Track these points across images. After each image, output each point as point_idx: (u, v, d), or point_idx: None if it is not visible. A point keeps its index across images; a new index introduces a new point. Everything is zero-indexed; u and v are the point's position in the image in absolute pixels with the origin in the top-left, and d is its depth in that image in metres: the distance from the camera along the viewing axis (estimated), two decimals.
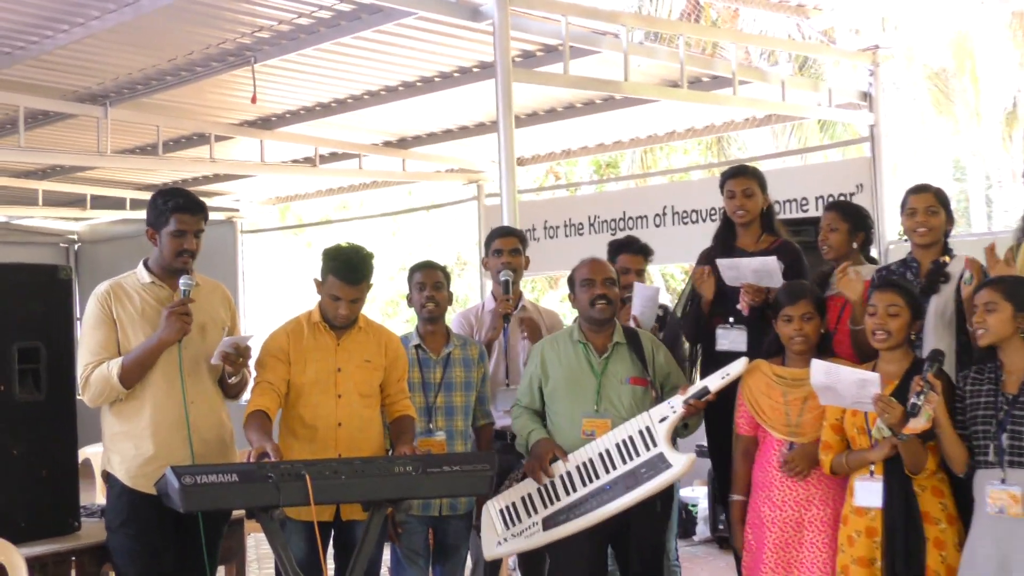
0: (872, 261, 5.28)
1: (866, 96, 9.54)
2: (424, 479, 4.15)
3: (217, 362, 4.42)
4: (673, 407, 4.65)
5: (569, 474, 4.68)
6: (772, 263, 4.94)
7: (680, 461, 4.57)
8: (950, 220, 4.75)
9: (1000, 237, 6.37)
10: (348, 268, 4.55)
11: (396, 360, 4.80)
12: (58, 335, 4.65)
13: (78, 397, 4.60)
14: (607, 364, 4.84)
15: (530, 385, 4.95)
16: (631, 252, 5.69)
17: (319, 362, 4.65)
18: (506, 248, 5.64)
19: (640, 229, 10.17)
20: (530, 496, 4.72)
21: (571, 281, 4.99)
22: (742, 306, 5.03)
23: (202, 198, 4.64)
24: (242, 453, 4.50)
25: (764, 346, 4.73)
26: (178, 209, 4.45)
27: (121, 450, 4.47)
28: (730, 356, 4.89)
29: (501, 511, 4.74)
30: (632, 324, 5.17)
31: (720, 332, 5.18)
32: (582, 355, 4.86)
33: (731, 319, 5.14)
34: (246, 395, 4.69)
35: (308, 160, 11.80)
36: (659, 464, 4.58)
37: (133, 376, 4.39)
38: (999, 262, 4.36)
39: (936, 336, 4.54)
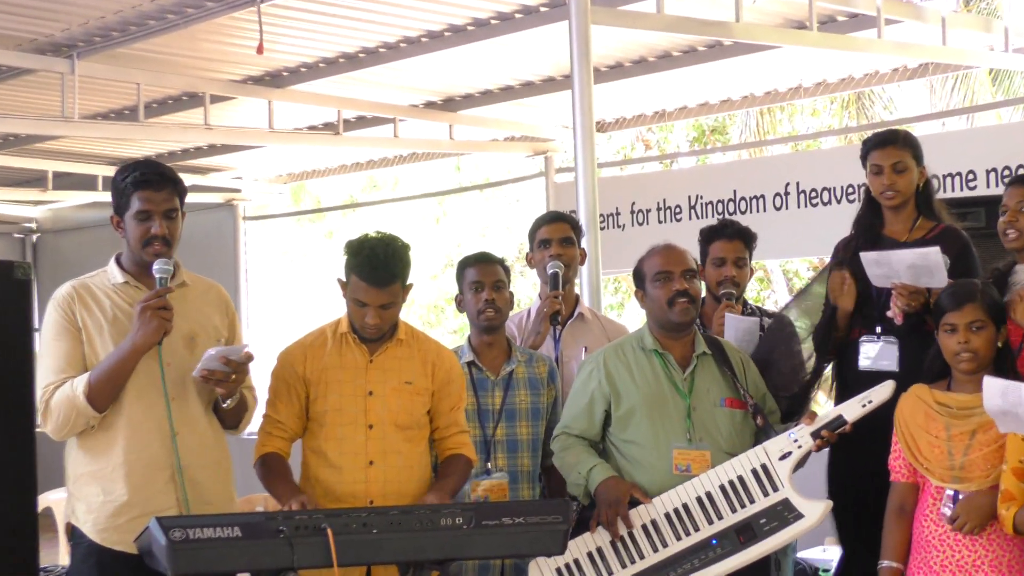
0: None
1: None
2: (478, 535, 4.14)
3: (197, 376, 4.43)
4: (797, 440, 4.63)
5: (656, 524, 4.65)
6: (934, 256, 4.90)
7: (814, 511, 4.56)
8: None
9: None
10: (374, 266, 4.57)
11: (448, 383, 4.83)
12: (12, 350, 4.69)
13: (38, 428, 4.63)
14: (693, 380, 4.85)
15: (589, 407, 4.93)
16: (725, 238, 5.70)
17: (346, 383, 4.69)
18: (555, 237, 5.69)
19: (755, 213, 10.12)
20: (600, 552, 4.68)
21: (638, 275, 5.00)
22: (893, 313, 4.99)
23: (195, 175, 4.70)
24: (244, 501, 4.54)
25: (924, 365, 4.70)
26: (138, 184, 4.45)
27: (87, 495, 4.49)
28: (876, 377, 4.85)
29: (558, 570, 4.68)
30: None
31: (864, 346, 5.15)
32: (660, 369, 4.87)
33: (878, 329, 5.11)
34: (253, 424, 4.74)
35: (329, 127, 11.86)
36: (784, 513, 4.56)
37: (104, 394, 4.41)
38: None
39: None
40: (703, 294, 5.50)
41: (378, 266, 4.56)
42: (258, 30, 8.26)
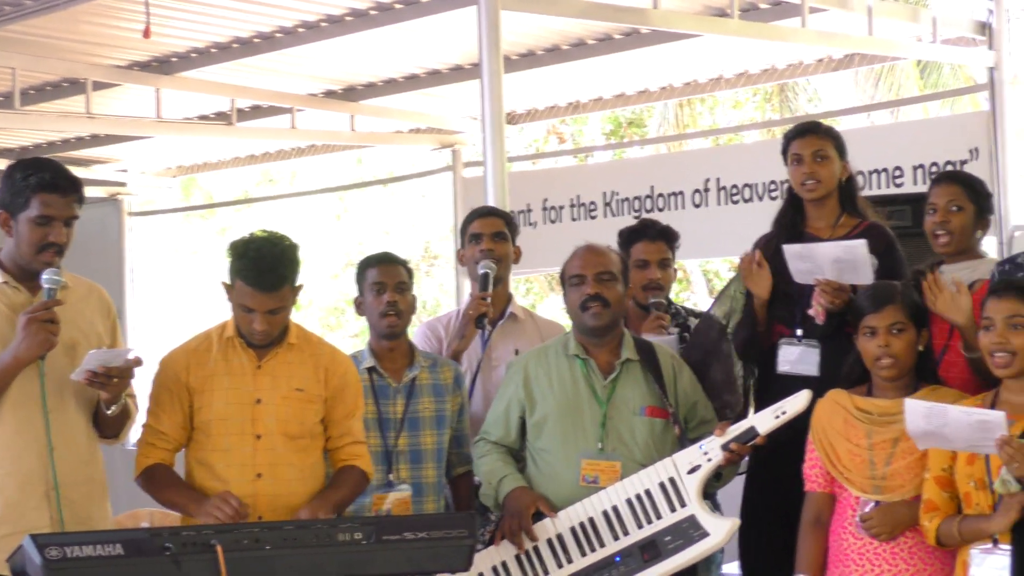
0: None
1: (984, 28, 9.57)
2: (379, 550, 4.13)
3: (77, 378, 4.36)
4: (707, 453, 4.66)
5: (562, 538, 4.69)
6: (860, 249, 4.95)
7: (720, 529, 4.59)
8: None
9: None
10: (260, 269, 4.52)
11: (343, 389, 4.81)
12: None
13: None
14: (614, 388, 4.88)
15: (506, 413, 4.98)
16: (647, 239, 5.74)
17: (232, 391, 4.65)
18: (487, 232, 5.69)
19: (674, 210, 10.19)
20: (504, 566, 4.73)
21: (561, 277, 5.04)
22: (815, 311, 5.03)
23: (76, 167, 4.64)
24: (128, 516, 4.50)
25: (843, 370, 4.74)
26: (43, 187, 4.41)
27: None
28: (795, 382, 4.91)
29: None
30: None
31: (783, 349, 5.20)
32: (580, 375, 4.90)
33: (799, 330, 5.15)
34: (133, 434, 4.70)
35: (221, 117, 11.79)
36: (689, 531, 4.60)
37: None
38: None
39: None
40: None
41: (265, 269, 4.52)
42: (145, 12, 8.21)
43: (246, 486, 4.60)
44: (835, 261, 4.98)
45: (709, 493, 4.95)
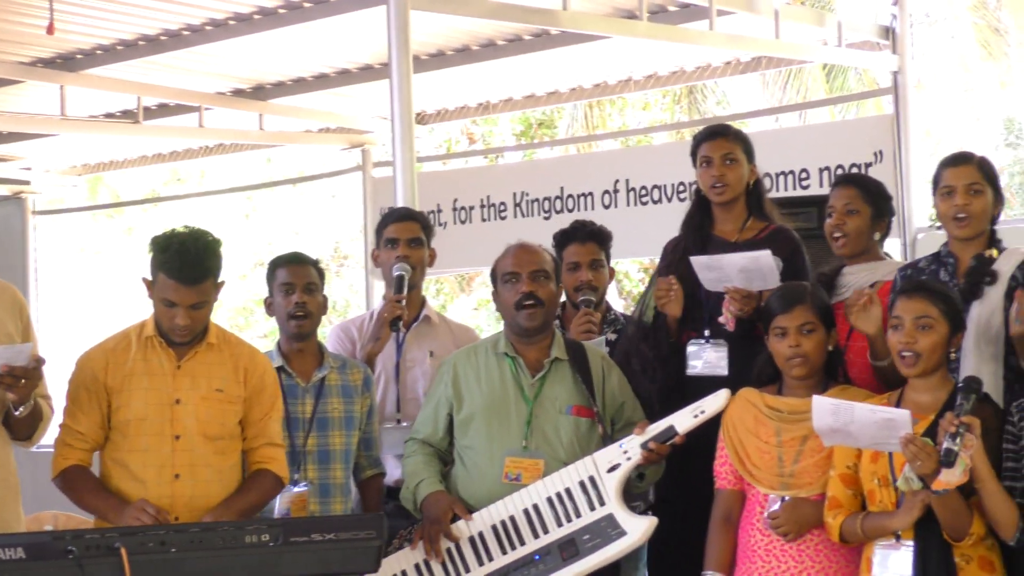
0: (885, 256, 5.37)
1: (888, 32, 9.69)
2: (287, 552, 4.11)
3: None
4: (627, 452, 4.68)
5: (483, 536, 4.70)
6: (766, 259, 4.99)
7: (637, 527, 4.61)
8: (999, 201, 4.81)
9: None
10: (184, 262, 4.50)
11: (261, 390, 4.79)
12: None
13: None
14: (542, 386, 4.89)
15: (435, 412, 5.01)
16: (577, 241, 5.76)
17: (151, 391, 4.62)
18: (403, 237, 5.68)
19: (584, 211, 10.22)
20: (427, 564, 4.74)
21: (493, 275, 5.05)
22: (726, 319, 5.07)
23: None
24: (32, 519, 4.45)
25: (755, 370, 4.78)
26: None
27: None
28: (707, 383, 4.93)
29: None
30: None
31: (692, 350, 5.23)
32: (509, 374, 4.92)
33: (707, 332, 5.19)
34: (49, 435, 4.64)
35: (128, 115, 11.67)
36: (608, 530, 4.61)
37: None
38: None
39: (977, 357, 4.60)
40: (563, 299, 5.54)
41: (188, 262, 4.50)
42: (49, 8, 8.12)
43: (164, 487, 4.57)
44: (742, 270, 5.03)
45: (637, 494, 4.98)
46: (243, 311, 21.90)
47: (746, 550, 4.59)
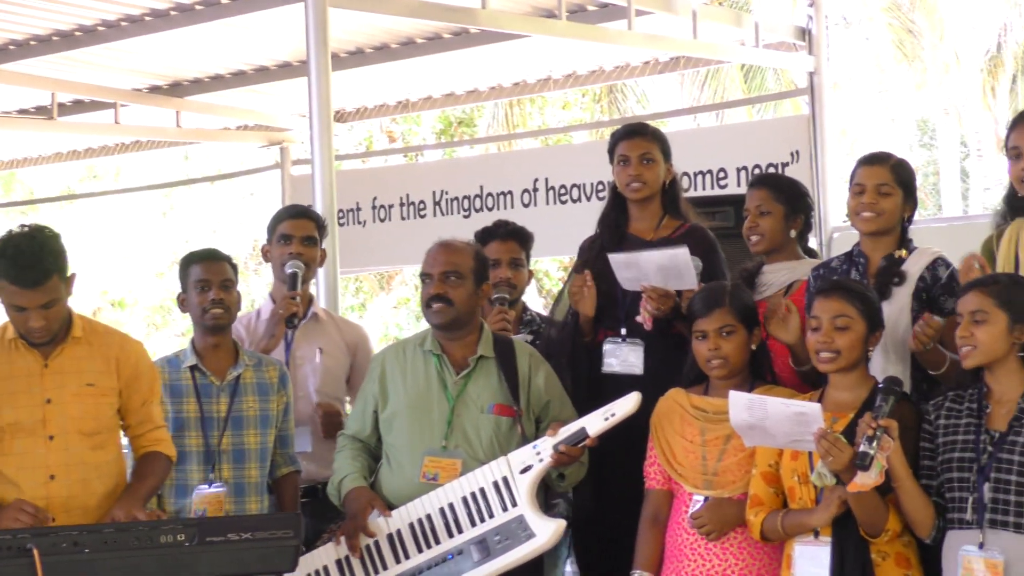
0: (811, 255, 5.40)
1: (804, 34, 9.77)
2: (202, 552, 4.09)
3: None
4: (539, 453, 4.68)
5: (400, 534, 4.71)
6: (682, 257, 5.00)
7: (546, 530, 4.61)
8: (911, 202, 4.84)
9: (978, 223, 6.58)
10: (22, 265, 4.39)
11: (136, 377, 4.74)
12: None
13: None
14: (465, 385, 4.90)
15: (363, 409, 5.02)
16: (498, 239, 5.76)
17: (20, 394, 4.54)
18: (296, 235, 5.69)
19: (503, 210, 10.24)
20: (348, 561, 4.75)
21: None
22: (643, 318, 5.08)
23: None
24: None
25: (683, 370, 4.80)
26: None
27: None
28: (622, 382, 4.95)
29: None
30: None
31: (608, 348, 5.24)
32: (434, 371, 4.92)
33: (623, 330, 5.20)
34: None
35: (42, 111, 11.56)
36: (518, 531, 4.62)
37: None
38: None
39: (885, 357, 4.63)
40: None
41: (27, 265, 4.39)
42: None
43: (38, 489, 4.51)
44: (660, 268, 5.04)
45: (559, 493, 5.01)
46: (160, 309, 21.69)
47: (673, 549, 4.62)
